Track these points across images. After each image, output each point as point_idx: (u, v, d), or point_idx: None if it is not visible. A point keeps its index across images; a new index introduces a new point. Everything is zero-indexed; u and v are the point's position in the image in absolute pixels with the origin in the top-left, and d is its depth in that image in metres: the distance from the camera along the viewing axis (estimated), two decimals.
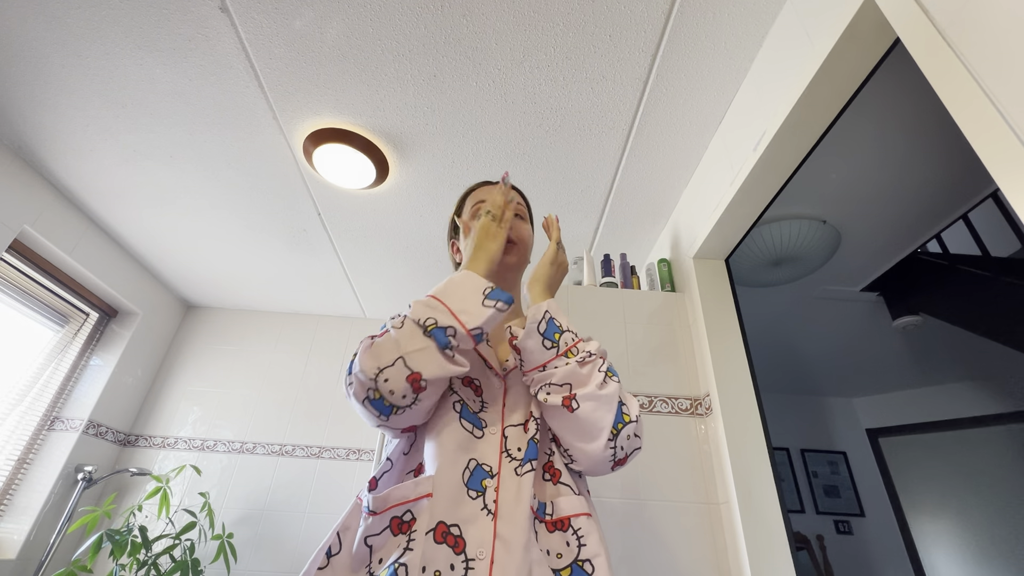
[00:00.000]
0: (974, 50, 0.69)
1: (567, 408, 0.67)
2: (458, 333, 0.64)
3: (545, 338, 0.71)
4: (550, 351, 0.70)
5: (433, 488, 0.61)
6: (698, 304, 1.55)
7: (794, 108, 1.12)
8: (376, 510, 0.61)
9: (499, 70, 1.38)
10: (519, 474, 0.64)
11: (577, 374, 0.68)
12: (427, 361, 0.61)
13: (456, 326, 0.64)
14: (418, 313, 0.65)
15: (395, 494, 0.62)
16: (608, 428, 0.65)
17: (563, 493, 0.67)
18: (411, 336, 0.63)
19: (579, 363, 0.69)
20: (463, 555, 0.57)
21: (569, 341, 0.71)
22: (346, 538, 0.64)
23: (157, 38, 1.33)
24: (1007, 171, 0.64)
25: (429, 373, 0.61)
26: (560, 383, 0.68)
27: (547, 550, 0.61)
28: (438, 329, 0.63)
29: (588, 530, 0.64)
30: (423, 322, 0.63)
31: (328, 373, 2.74)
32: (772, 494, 1.28)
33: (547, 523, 0.63)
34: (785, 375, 3.62)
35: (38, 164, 1.83)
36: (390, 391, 0.60)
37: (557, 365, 0.69)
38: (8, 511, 2.04)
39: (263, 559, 2.26)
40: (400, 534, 0.59)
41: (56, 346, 2.24)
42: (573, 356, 0.70)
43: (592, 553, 0.62)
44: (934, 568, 3.29)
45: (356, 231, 2.11)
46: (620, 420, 0.66)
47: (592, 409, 0.66)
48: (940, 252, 2.67)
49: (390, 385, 0.60)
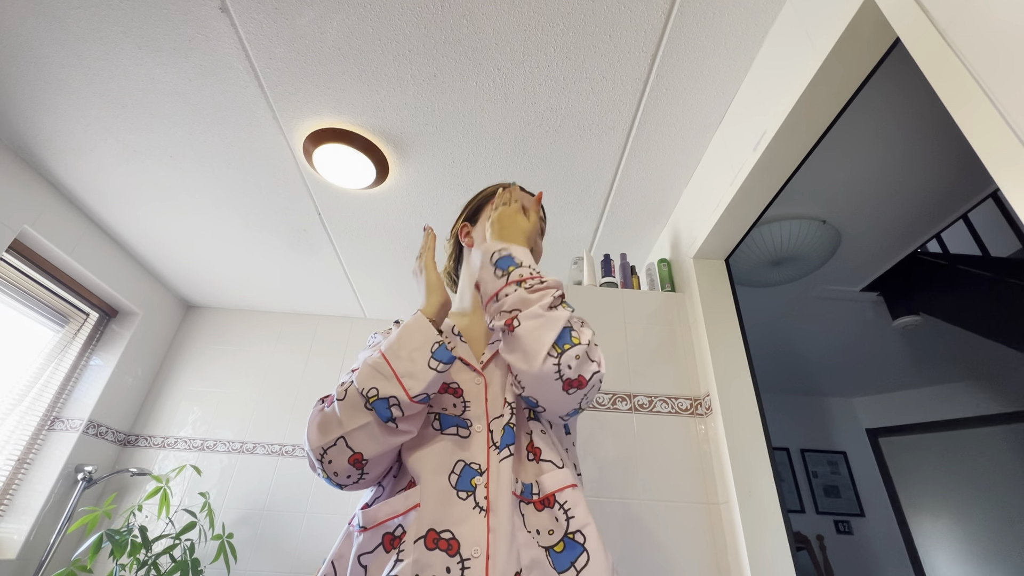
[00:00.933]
0: (974, 50, 0.69)
1: (508, 328, 0.67)
2: (401, 402, 0.62)
3: (497, 268, 0.71)
4: (500, 280, 0.70)
5: (421, 498, 0.61)
6: (698, 304, 1.55)
7: (794, 108, 1.12)
8: (367, 526, 0.62)
9: (499, 70, 1.38)
10: (500, 461, 0.64)
11: (525, 299, 0.67)
12: (367, 440, 0.62)
13: (399, 395, 0.62)
14: (363, 381, 0.63)
15: (384, 509, 0.62)
16: (548, 345, 0.63)
17: (546, 470, 0.67)
18: (353, 410, 0.62)
19: (528, 290, 0.68)
20: (457, 556, 0.56)
21: (524, 274, 0.70)
22: (340, 566, 0.64)
23: (157, 38, 1.33)
24: (1007, 171, 0.64)
25: (370, 453, 0.62)
26: (509, 309, 0.68)
27: (537, 529, 0.61)
28: (379, 401, 0.62)
29: (574, 501, 0.64)
30: (366, 392, 0.62)
31: (328, 373, 2.74)
32: (772, 494, 1.28)
33: (535, 503, 0.63)
34: (785, 375, 3.62)
35: (38, 164, 1.83)
36: (334, 472, 0.62)
37: (508, 293, 0.69)
38: (8, 511, 2.04)
39: (263, 559, 2.26)
40: (392, 550, 0.59)
41: (56, 346, 2.24)
42: (524, 284, 0.69)
43: (581, 523, 0.62)
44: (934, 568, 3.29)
45: (356, 231, 2.11)
46: (567, 341, 0.64)
47: (532, 328, 0.65)
48: (940, 252, 2.67)
49: (334, 467, 0.62)
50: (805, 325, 2.90)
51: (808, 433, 3.90)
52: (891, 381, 3.66)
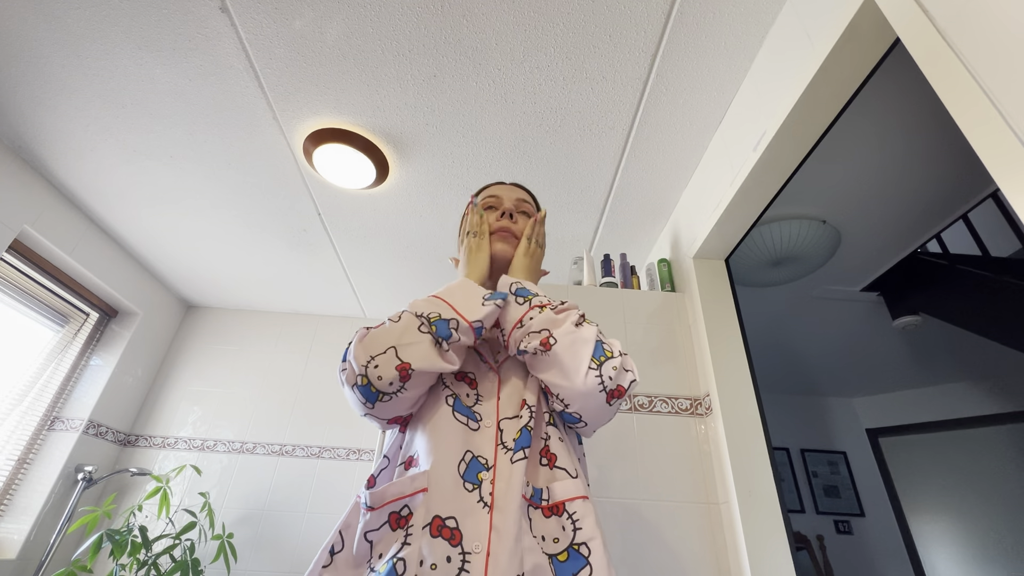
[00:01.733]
0: (974, 50, 0.69)
1: (545, 348, 0.69)
2: (460, 325, 0.68)
3: (517, 296, 0.76)
4: (523, 306, 0.74)
5: (428, 482, 0.61)
6: (698, 304, 1.55)
7: (794, 108, 1.12)
8: (374, 505, 0.62)
9: (499, 70, 1.38)
10: (512, 462, 0.64)
11: (553, 319, 0.71)
12: (419, 354, 0.65)
13: (459, 319, 0.69)
14: (420, 308, 0.69)
15: (391, 490, 0.62)
16: (588, 359, 0.66)
17: (559, 478, 0.67)
18: (407, 329, 0.67)
19: (553, 310, 0.72)
20: (459, 547, 0.57)
21: (544, 300, 0.75)
22: (348, 536, 0.65)
23: (157, 38, 1.33)
24: (1007, 171, 0.64)
25: (418, 365, 0.64)
26: (538, 329, 0.71)
27: (543, 536, 0.61)
28: (441, 321, 0.68)
29: (584, 513, 0.64)
30: (426, 315, 0.68)
31: (328, 373, 2.74)
32: (772, 494, 1.28)
33: (543, 509, 0.63)
34: (785, 375, 3.62)
35: (38, 164, 1.83)
36: (378, 377, 0.63)
37: (532, 316, 0.72)
38: (8, 511, 2.04)
39: (263, 559, 2.26)
40: (398, 528, 0.60)
41: (56, 346, 2.24)
42: (547, 308, 0.73)
43: (588, 536, 0.62)
44: (934, 568, 3.30)
45: (356, 231, 2.11)
46: (601, 353, 0.68)
47: (569, 343, 0.68)
48: (940, 252, 2.67)
49: (379, 371, 0.63)
50: (805, 325, 2.90)
51: (808, 433, 3.90)
52: (891, 381, 3.66)
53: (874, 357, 3.29)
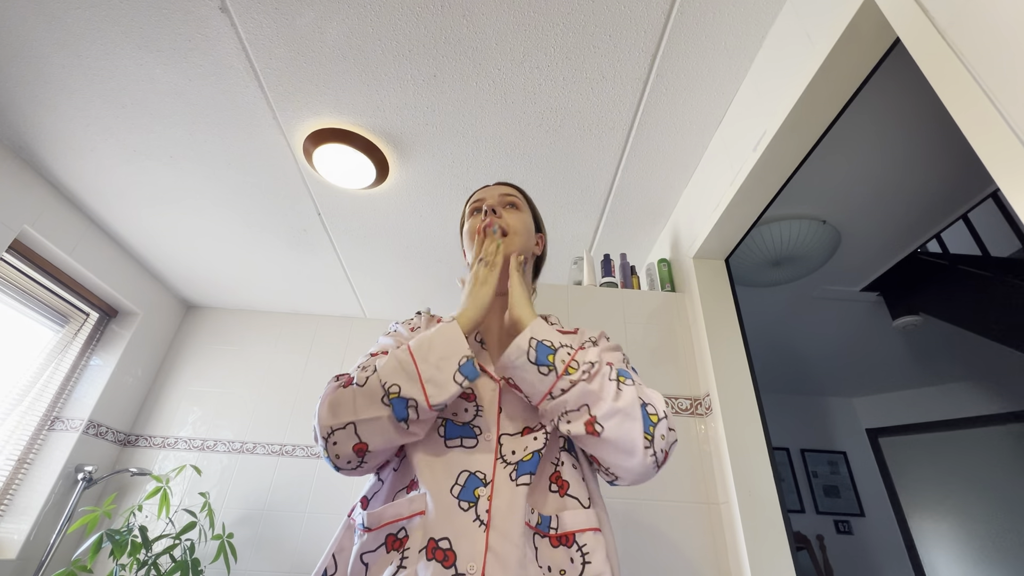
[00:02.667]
0: (974, 50, 0.69)
1: (592, 434, 0.63)
2: (420, 407, 0.63)
3: (540, 366, 0.66)
4: (548, 376, 0.66)
5: (426, 505, 0.61)
6: (698, 304, 1.55)
7: (794, 108, 1.12)
8: (371, 527, 0.61)
9: (499, 70, 1.38)
10: (514, 481, 0.62)
11: (589, 393, 0.64)
12: (376, 433, 0.63)
13: (420, 399, 0.63)
14: (387, 375, 0.64)
15: (389, 511, 0.62)
16: (641, 437, 0.61)
17: (570, 507, 0.65)
18: (370, 400, 0.63)
19: (586, 380, 0.65)
20: (453, 568, 0.55)
21: (565, 358, 0.67)
22: (341, 559, 0.64)
23: (157, 38, 1.33)
24: (1007, 171, 0.64)
25: (375, 445, 0.63)
26: (576, 407, 0.64)
27: (549, 567, 0.59)
28: (399, 400, 0.62)
29: (594, 546, 0.61)
30: (387, 386, 0.63)
31: (328, 373, 2.73)
32: (772, 494, 1.28)
33: (551, 538, 0.61)
34: (785, 375, 3.62)
35: (38, 164, 1.83)
36: (336, 455, 0.62)
37: (564, 388, 0.65)
38: (8, 511, 2.04)
39: (263, 559, 2.26)
40: (394, 551, 0.59)
41: (56, 346, 2.24)
42: (575, 371, 0.65)
43: (597, 572, 0.60)
44: (934, 568, 3.30)
45: (356, 231, 2.11)
46: (649, 424, 0.62)
47: (617, 425, 0.62)
48: (940, 252, 2.67)
49: (337, 450, 0.62)
50: (805, 325, 2.90)
51: (808, 433, 3.89)
52: (891, 381, 3.66)
53: (874, 357, 3.29)
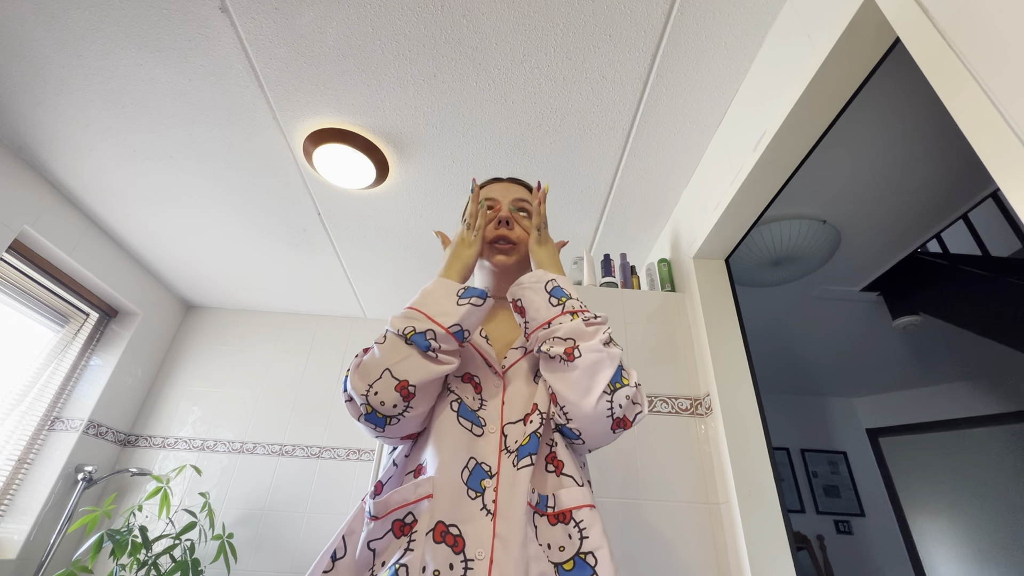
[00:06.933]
0: (974, 50, 0.69)
1: (568, 358, 0.67)
2: (438, 334, 0.67)
3: (552, 296, 0.73)
4: (555, 308, 0.72)
5: (433, 489, 0.61)
6: (698, 304, 1.55)
7: (794, 108, 1.12)
8: (378, 515, 0.62)
9: (499, 70, 1.38)
10: (517, 467, 0.64)
11: (582, 330, 0.69)
12: (411, 367, 0.65)
13: (435, 328, 0.67)
14: (397, 325, 0.68)
15: (395, 497, 0.62)
16: (605, 382, 0.65)
17: (565, 485, 0.66)
18: (393, 348, 0.66)
19: (584, 322, 0.69)
20: (462, 555, 0.56)
21: (576, 306, 0.72)
22: (351, 542, 0.64)
23: (157, 38, 1.33)
24: (1007, 171, 0.64)
25: (415, 378, 0.64)
26: (564, 337, 0.69)
27: (548, 544, 0.61)
28: (417, 335, 0.66)
29: (590, 522, 0.63)
30: (403, 332, 0.67)
31: (328, 373, 2.74)
32: (772, 494, 1.28)
33: (548, 516, 0.63)
34: (785, 375, 3.62)
35: (38, 164, 1.83)
36: (381, 403, 0.63)
37: (562, 321, 0.70)
38: (8, 511, 2.04)
39: (263, 559, 2.26)
40: (402, 536, 0.60)
41: (56, 346, 2.24)
42: (579, 316, 0.70)
43: (595, 545, 0.61)
44: (934, 568, 3.30)
45: (356, 231, 2.11)
46: (619, 380, 0.66)
47: (594, 360, 0.66)
48: (940, 252, 2.67)
49: (380, 397, 0.63)
50: (805, 325, 2.90)
51: (808, 433, 3.90)
52: (891, 381, 3.66)
53: (874, 357, 3.29)
